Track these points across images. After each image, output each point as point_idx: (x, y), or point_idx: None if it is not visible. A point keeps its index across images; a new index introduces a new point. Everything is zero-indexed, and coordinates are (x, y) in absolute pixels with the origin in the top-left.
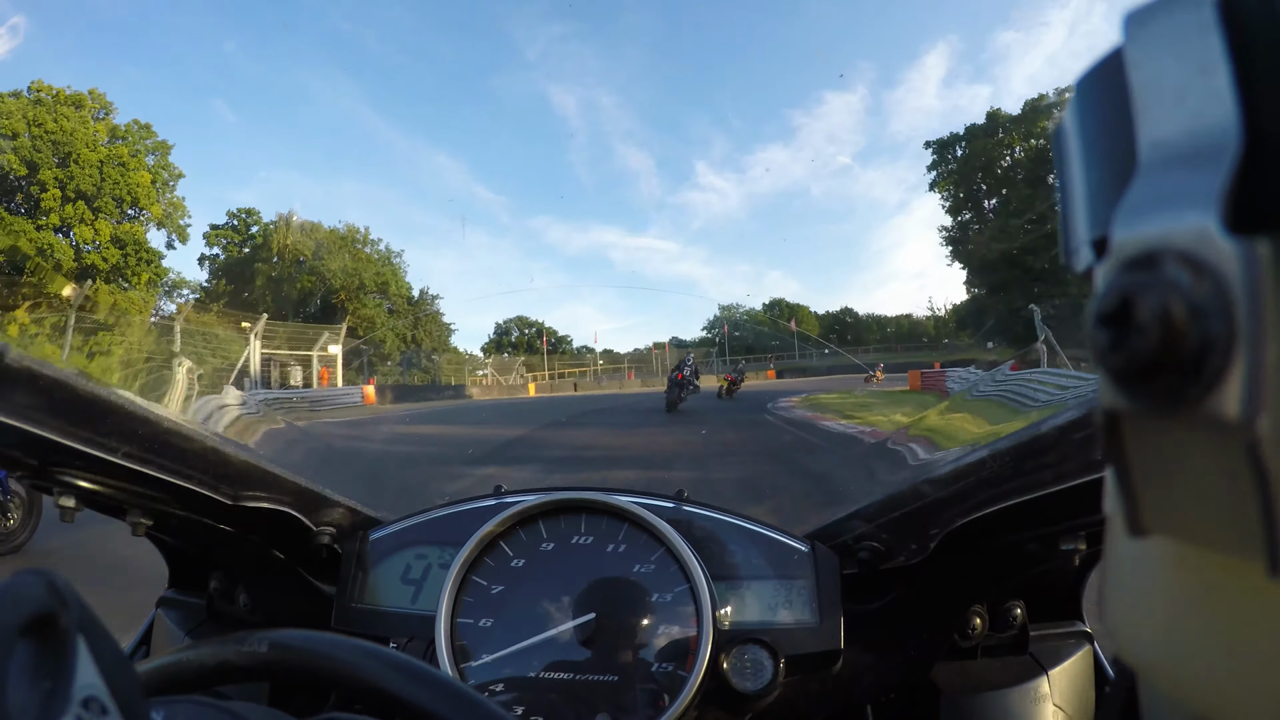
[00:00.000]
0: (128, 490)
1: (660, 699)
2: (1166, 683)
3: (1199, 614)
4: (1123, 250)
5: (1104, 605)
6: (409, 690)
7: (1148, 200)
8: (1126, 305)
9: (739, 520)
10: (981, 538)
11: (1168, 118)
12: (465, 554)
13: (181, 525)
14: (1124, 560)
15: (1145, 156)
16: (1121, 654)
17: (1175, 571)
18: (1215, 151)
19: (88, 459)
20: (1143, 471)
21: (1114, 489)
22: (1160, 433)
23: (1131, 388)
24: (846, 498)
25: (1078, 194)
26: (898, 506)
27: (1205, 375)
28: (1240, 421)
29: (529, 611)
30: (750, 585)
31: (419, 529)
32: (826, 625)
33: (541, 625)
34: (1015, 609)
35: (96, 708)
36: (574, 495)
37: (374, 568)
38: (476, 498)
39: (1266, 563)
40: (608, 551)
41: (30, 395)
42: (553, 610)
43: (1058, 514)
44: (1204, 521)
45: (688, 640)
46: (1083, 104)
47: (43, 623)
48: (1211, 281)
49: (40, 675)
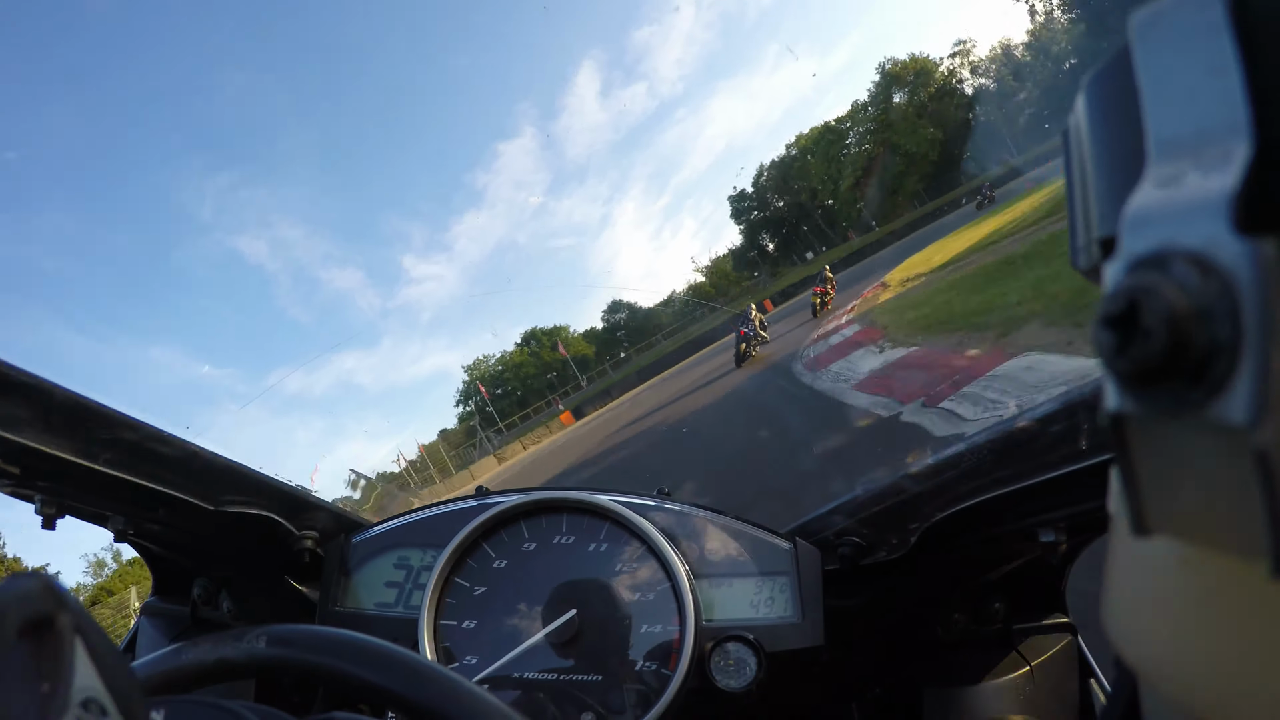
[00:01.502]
0: (109, 497)
1: (645, 698)
2: (1168, 683)
3: (1201, 615)
4: (1131, 250)
5: (1106, 606)
6: (409, 685)
7: (1156, 200)
8: (1133, 307)
9: (720, 517)
10: (962, 532)
11: (1177, 118)
12: (447, 556)
13: (163, 532)
14: (1127, 561)
15: (1154, 157)
16: (1123, 654)
17: (1178, 572)
18: (1225, 152)
19: (69, 466)
20: (1148, 472)
21: (1119, 489)
22: (1166, 434)
23: (1137, 391)
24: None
25: (1086, 193)
26: (878, 502)
27: (1211, 379)
28: (1246, 426)
29: (512, 612)
30: (732, 582)
31: (401, 531)
32: (809, 621)
33: (525, 626)
34: (997, 602)
35: (96, 709)
36: (555, 495)
37: (356, 571)
38: (458, 499)
39: (1270, 563)
40: (589, 551)
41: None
42: (536, 611)
43: (1037, 507)
44: (1208, 521)
45: (671, 638)
46: (1091, 104)
47: (40, 625)
48: (1219, 283)
49: (39, 677)
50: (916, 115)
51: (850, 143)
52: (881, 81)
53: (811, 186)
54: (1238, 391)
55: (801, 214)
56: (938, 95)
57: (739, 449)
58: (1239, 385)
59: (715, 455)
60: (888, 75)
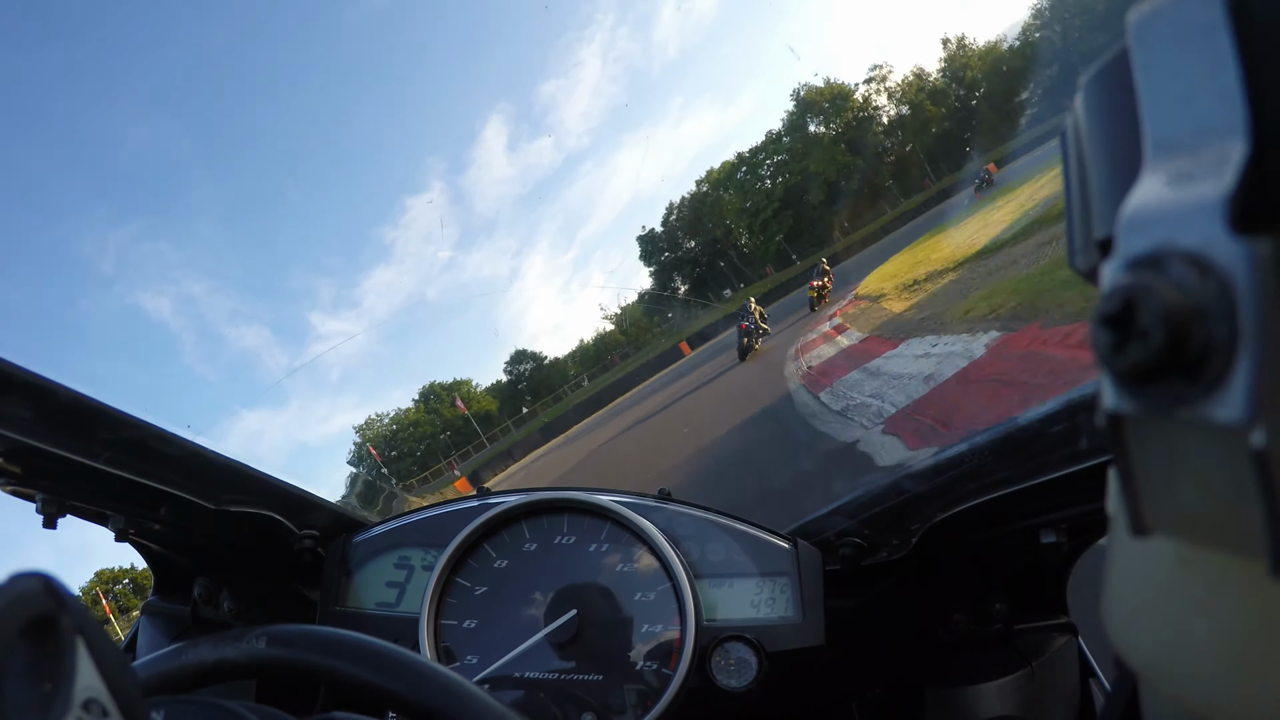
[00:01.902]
0: (110, 496)
1: (646, 697)
2: (1168, 683)
3: (1201, 614)
4: (1128, 250)
5: (1106, 605)
6: (410, 686)
7: (1153, 200)
8: (1130, 307)
9: (721, 518)
10: (963, 532)
11: (1175, 118)
12: (448, 555)
13: (164, 531)
14: (1126, 560)
15: (1151, 156)
16: (1123, 654)
17: (1177, 571)
18: (1223, 152)
19: (70, 465)
20: (1145, 472)
21: (1117, 488)
22: (1163, 434)
23: (1134, 390)
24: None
25: (1084, 194)
26: (879, 502)
27: (1207, 378)
28: (1242, 424)
29: (513, 612)
30: (733, 582)
31: (402, 531)
32: (809, 621)
33: (525, 626)
34: (998, 602)
35: (97, 709)
36: (556, 495)
37: (357, 571)
38: (460, 499)
39: (1269, 562)
40: (590, 551)
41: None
42: (536, 611)
43: (1039, 507)
44: (1206, 521)
45: (672, 638)
46: (1089, 104)
47: (42, 625)
48: (1216, 282)
49: (40, 677)
50: (834, 142)
51: (764, 174)
52: (797, 108)
53: (725, 222)
54: (1234, 390)
55: (716, 251)
56: (855, 122)
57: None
58: (1235, 384)
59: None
60: (803, 102)
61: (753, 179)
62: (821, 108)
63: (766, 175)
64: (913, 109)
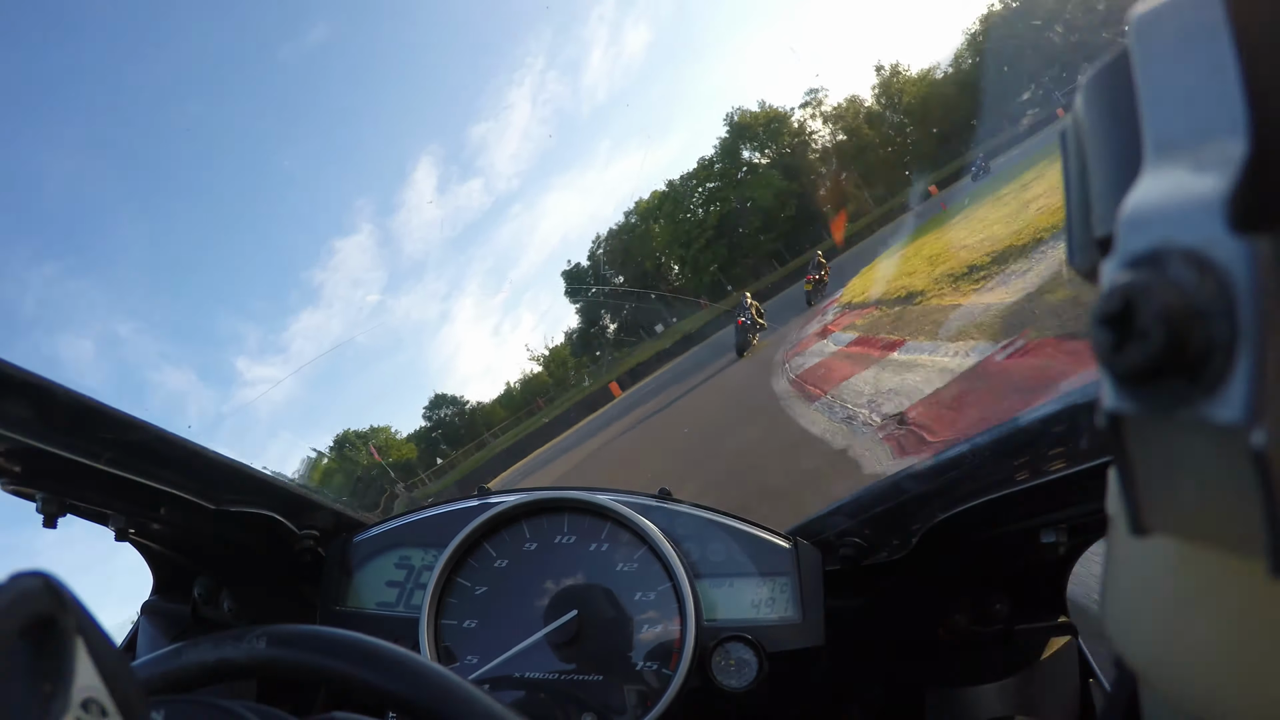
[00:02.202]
0: (110, 496)
1: (646, 698)
2: (1168, 683)
3: (1200, 614)
4: (1127, 249)
5: (1105, 605)
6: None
7: (1153, 199)
8: (1130, 306)
9: (721, 517)
10: (964, 532)
11: (1175, 118)
12: (448, 555)
13: (164, 531)
14: (1125, 560)
15: (1151, 156)
16: (1123, 654)
17: (1177, 571)
18: (1222, 151)
19: (70, 465)
20: (1145, 471)
21: (1117, 488)
22: (1162, 434)
23: (1134, 390)
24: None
25: (1083, 192)
26: (879, 502)
27: (1207, 377)
28: (1242, 424)
29: (513, 612)
30: (733, 582)
31: (402, 531)
32: (809, 621)
33: (525, 626)
34: (998, 603)
35: (96, 709)
36: (556, 494)
37: (357, 571)
38: (460, 499)
39: (1268, 563)
40: (590, 550)
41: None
42: (536, 611)
43: (1039, 508)
44: (1206, 521)
45: (672, 638)
46: (1089, 104)
47: (41, 624)
48: (1215, 281)
49: (39, 677)
50: (769, 167)
51: (696, 203)
52: (730, 133)
53: (656, 253)
54: (1234, 390)
55: (646, 284)
56: (790, 148)
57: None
58: (1235, 383)
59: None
60: (736, 126)
61: (684, 207)
62: (755, 132)
63: (699, 204)
64: (849, 133)
